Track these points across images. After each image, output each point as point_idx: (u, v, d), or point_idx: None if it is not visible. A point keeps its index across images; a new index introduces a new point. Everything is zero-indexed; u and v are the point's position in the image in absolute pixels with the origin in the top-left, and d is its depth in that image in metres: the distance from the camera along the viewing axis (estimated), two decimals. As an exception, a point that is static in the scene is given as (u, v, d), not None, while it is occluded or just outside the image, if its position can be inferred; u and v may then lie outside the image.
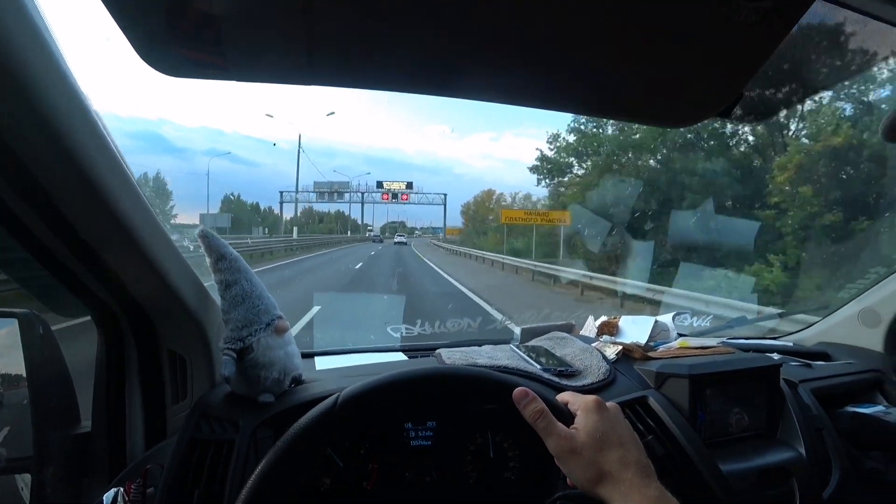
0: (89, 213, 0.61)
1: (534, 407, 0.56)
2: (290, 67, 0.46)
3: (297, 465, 0.51)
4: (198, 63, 0.44)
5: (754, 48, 0.50)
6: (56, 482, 0.78)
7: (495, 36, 0.43)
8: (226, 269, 0.78)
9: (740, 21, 0.45)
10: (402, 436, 0.81)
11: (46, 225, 0.61)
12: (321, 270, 12.73)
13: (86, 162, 0.56)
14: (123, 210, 0.63)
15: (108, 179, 0.60)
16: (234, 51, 0.43)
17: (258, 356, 0.76)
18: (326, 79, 0.47)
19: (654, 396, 0.89)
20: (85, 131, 0.56)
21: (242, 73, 0.46)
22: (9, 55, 0.45)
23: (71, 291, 0.75)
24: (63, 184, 0.57)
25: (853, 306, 1.41)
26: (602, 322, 1.17)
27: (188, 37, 0.42)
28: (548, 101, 0.57)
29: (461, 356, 0.97)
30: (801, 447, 0.92)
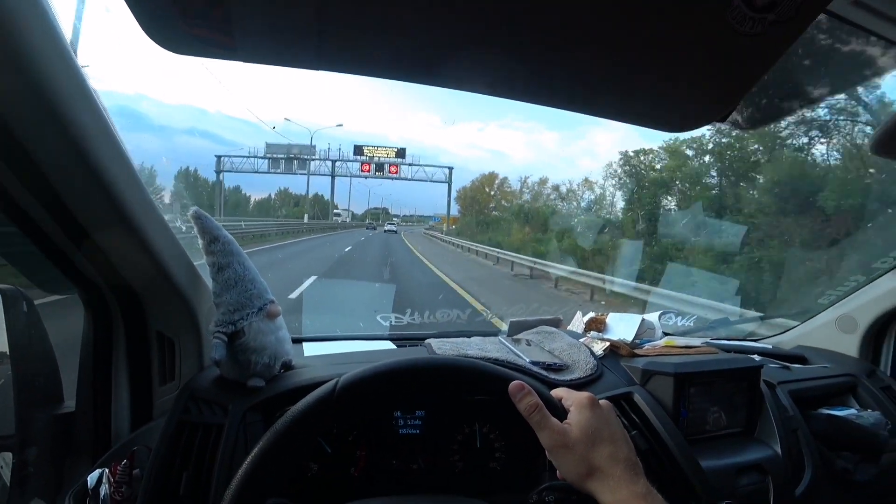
0: (81, 186, 0.60)
1: (529, 401, 0.57)
2: (299, 51, 0.45)
3: (292, 450, 0.51)
4: (205, 41, 0.44)
5: (757, 58, 0.51)
6: (38, 462, 0.77)
7: (504, 29, 0.44)
8: (219, 252, 0.77)
9: (745, 32, 0.46)
10: (391, 424, 0.82)
11: (35, 198, 0.60)
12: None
13: (79, 133, 0.55)
14: (116, 185, 0.62)
15: (102, 152, 0.58)
16: (242, 30, 0.42)
17: (249, 340, 0.76)
18: (334, 64, 0.46)
19: (640, 393, 0.91)
20: (80, 102, 0.55)
21: (250, 53, 0.45)
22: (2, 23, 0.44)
23: (58, 268, 0.73)
24: (55, 156, 0.56)
25: (831, 312, 1.46)
26: (590, 318, 1.19)
27: (196, 13, 0.41)
28: (551, 98, 0.58)
29: (451, 347, 0.98)
30: (778, 446, 0.95)
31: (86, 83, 0.55)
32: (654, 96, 0.57)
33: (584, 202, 19.67)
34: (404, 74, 0.49)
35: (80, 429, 0.81)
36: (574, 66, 0.51)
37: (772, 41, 0.48)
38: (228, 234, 0.78)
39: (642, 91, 0.57)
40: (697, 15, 0.45)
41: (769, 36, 0.47)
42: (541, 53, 0.48)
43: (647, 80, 0.54)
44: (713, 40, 0.48)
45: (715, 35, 0.47)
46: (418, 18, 0.42)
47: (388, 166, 31.98)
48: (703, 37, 0.47)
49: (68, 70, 0.52)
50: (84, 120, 0.55)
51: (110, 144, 0.60)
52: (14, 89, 0.49)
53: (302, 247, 14.79)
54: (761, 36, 0.47)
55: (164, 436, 0.70)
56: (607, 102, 0.61)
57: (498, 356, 0.93)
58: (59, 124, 0.53)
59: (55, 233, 0.66)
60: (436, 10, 0.41)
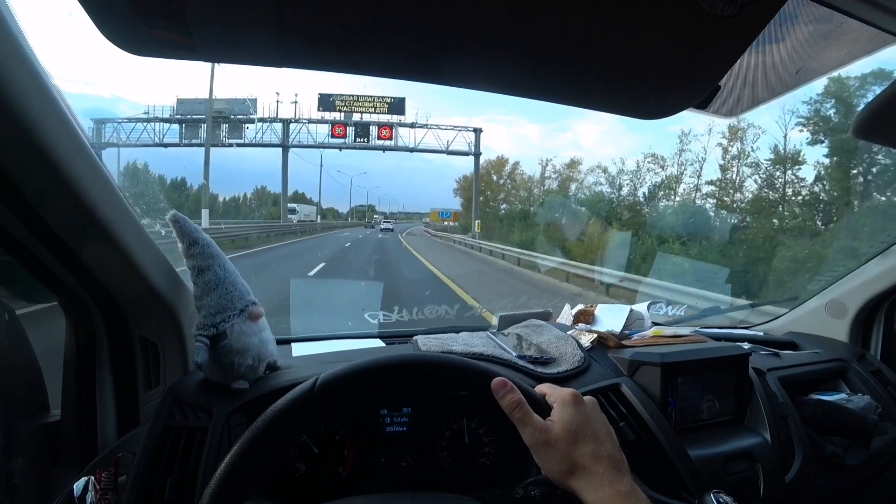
0: (53, 195, 0.59)
1: (511, 398, 0.56)
2: (260, 48, 0.45)
3: (272, 450, 0.51)
4: (163, 42, 0.43)
5: (731, 40, 0.51)
6: (24, 472, 0.76)
7: (474, 23, 0.43)
8: (198, 255, 0.76)
9: (717, 13, 0.46)
10: (378, 422, 0.82)
11: (8, 208, 0.59)
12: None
13: (49, 142, 0.54)
14: (89, 192, 0.61)
15: (73, 160, 0.57)
16: (200, 30, 0.42)
17: (232, 342, 0.75)
18: (296, 61, 0.46)
19: (627, 384, 0.91)
20: (48, 111, 0.54)
21: (210, 53, 0.45)
22: None
23: (36, 277, 0.73)
24: (25, 165, 0.55)
25: (821, 298, 1.46)
26: (578, 310, 1.19)
27: (152, 14, 0.41)
28: (526, 89, 0.57)
29: (437, 343, 0.97)
30: (767, 433, 0.95)
31: (51, 88, 0.54)
32: (629, 84, 0.57)
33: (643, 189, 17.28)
34: (369, 69, 0.48)
35: (66, 437, 0.81)
36: (548, 57, 0.51)
37: (745, 22, 0.48)
38: (208, 236, 0.78)
39: (617, 79, 0.56)
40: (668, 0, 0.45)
41: (742, 17, 0.47)
42: (513, 45, 0.48)
43: (620, 68, 0.54)
44: (685, 24, 0.47)
45: (687, 18, 0.46)
46: (381, 10, 0.41)
47: (378, 129, 20.06)
48: (675, 21, 0.47)
49: (32, 78, 0.51)
50: (53, 127, 0.54)
51: (81, 152, 0.59)
52: None
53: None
54: (734, 17, 0.46)
55: (148, 441, 0.70)
56: (583, 92, 0.61)
57: (483, 351, 0.93)
58: (27, 136, 0.52)
59: (31, 243, 0.65)
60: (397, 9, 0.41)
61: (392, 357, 0.58)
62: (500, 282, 9.39)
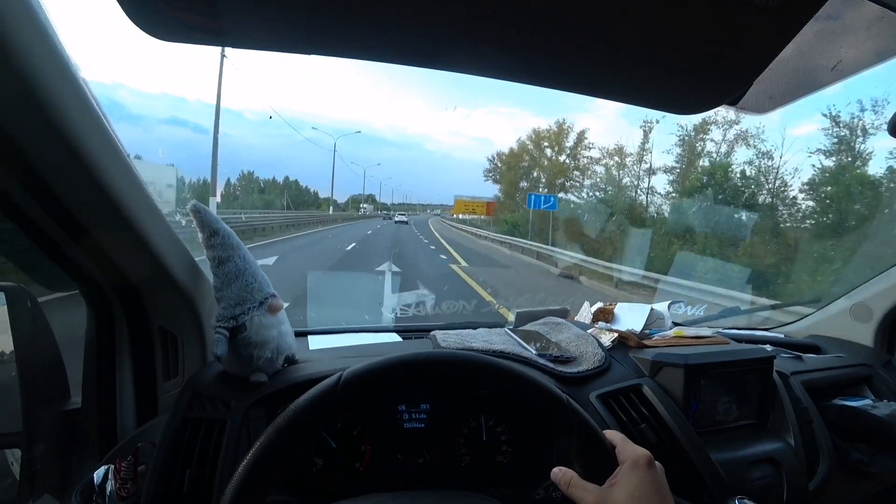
0: (76, 183, 0.59)
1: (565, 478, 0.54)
2: (288, 35, 0.44)
3: (295, 446, 0.50)
4: (192, 26, 0.42)
5: (773, 33, 0.49)
6: (46, 458, 0.77)
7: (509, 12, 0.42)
8: (218, 245, 0.76)
9: (762, 4, 0.44)
10: (396, 418, 0.81)
11: (31, 196, 0.59)
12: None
13: (71, 129, 0.53)
14: (112, 180, 0.60)
15: (96, 148, 0.57)
16: (230, 14, 0.41)
17: (251, 335, 0.75)
18: (324, 48, 0.45)
19: (649, 385, 0.89)
20: (71, 97, 0.53)
21: (238, 38, 0.44)
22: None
23: (58, 265, 0.73)
24: (48, 152, 0.54)
25: (845, 301, 1.43)
26: (598, 308, 1.17)
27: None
28: (559, 82, 0.55)
29: (456, 339, 0.96)
30: (791, 438, 0.93)
31: (77, 78, 0.54)
32: (667, 78, 0.55)
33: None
34: (400, 57, 0.47)
35: (86, 425, 0.82)
36: (586, 50, 0.49)
37: (789, 14, 0.46)
38: (228, 227, 0.77)
39: (655, 72, 0.54)
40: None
41: (787, 8, 0.45)
42: (553, 37, 0.46)
43: (659, 61, 0.52)
44: (728, 15, 0.45)
45: (730, 8, 0.44)
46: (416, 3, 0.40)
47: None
48: (716, 12, 0.45)
49: (60, 67, 0.51)
50: (77, 115, 0.54)
51: (104, 140, 0.59)
52: (6, 90, 0.48)
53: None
54: (777, 9, 0.44)
55: (168, 432, 0.70)
56: (618, 85, 0.59)
57: (503, 348, 0.92)
58: (51, 120, 0.51)
59: (53, 230, 0.65)
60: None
61: (415, 355, 0.56)
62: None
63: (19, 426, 0.74)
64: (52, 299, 0.90)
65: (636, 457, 0.53)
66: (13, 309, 0.75)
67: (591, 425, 0.56)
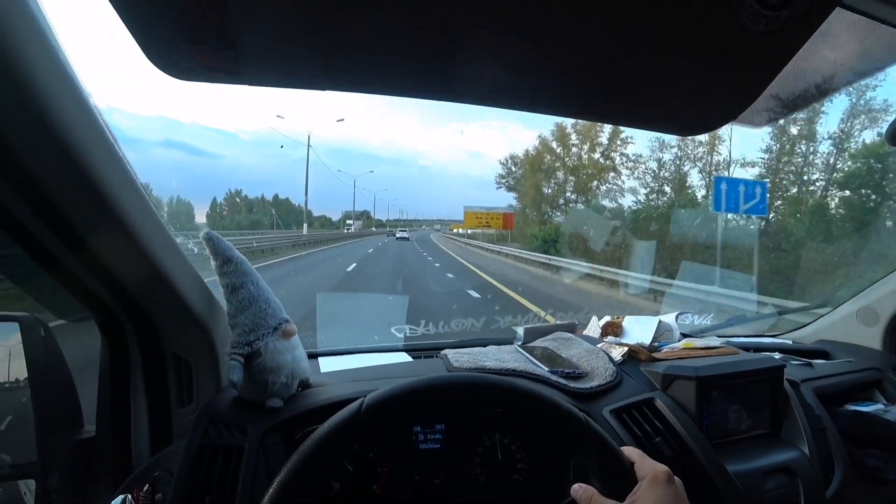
0: (90, 211, 0.60)
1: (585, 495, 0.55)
2: (305, 72, 0.45)
3: (319, 472, 0.51)
4: (212, 67, 0.43)
5: (772, 56, 0.50)
6: (61, 488, 0.77)
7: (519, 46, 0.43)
8: (232, 273, 0.77)
9: (759, 30, 0.45)
10: (411, 439, 0.81)
11: (46, 224, 0.59)
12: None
13: (84, 156, 0.54)
14: (125, 209, 0.61)
15: (109, 175, 0.58)
16: (248, 55, 0.42)
17: (266, 361, 0.75)
18: (340, 84, 0.46)
19: (661, 398, 0.89)
20: (85, 125, 0.54)
21: (256, 77, 0.45)
22: (7, 46, 0.44)
23: (72, 294, 0.74)
24: (62, 181, 0.55)
25: (852, 304, 1.43)
26: (606, 322, 1.18)
27: (202, 40, 0.41)
28: (565, 109, 0.57)
29: (468, 359, 0.97)
30: (805, 447, 0.93)
31: (89, 103, 0.54)
32: (670, 101, 0.56)
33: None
34: (415, 91, 0.48)
35: (100, 453, 0.81)
36: (589, 76, 0.50)
37: (787, 38, 0.47)
38: (240, 254, 0.78)
39: (657, 97, 0.56)
40: (710, 17, 0.44)
41: (784, 33, 0.46)
42: (556, 65, 0.47)
43: (661, 86, 0.53)
44: (727, 41, 0.47)
45: (729, 36, 0.46)
46: (426, 33, 0.41)
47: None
48: (717, 39, 0.47)
49: (70, 90, 0.52)
50: (86, 139, 0.55)
51: (115, 166, 0.60)
52: (19, 115, 0.48)
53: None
54: (776, 33, 0.46)
55: (186, 460, 0.70)
56: (622, 110, 0.61)
57: (516, 366, 0.92)
58: (61, 148, 0.52)
59: (69, 260, 0.66)
60: (441, 25, 0.41)
61: (439, 378, 0.57)
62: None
63: (33, 456, 0.75)
64: (62, 324, 0.91)
65: (655, 472, 0.54)
66: (27, 338, 0.76)
67: (610, 443, 0.56)
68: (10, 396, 0.76)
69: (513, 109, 0.54)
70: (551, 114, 0.57)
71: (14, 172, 0.53)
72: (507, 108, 0.54)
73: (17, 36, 0.45)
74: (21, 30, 0.45)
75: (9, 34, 0.44)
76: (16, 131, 0.49)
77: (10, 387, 0.76)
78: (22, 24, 0.45)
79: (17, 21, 0.45)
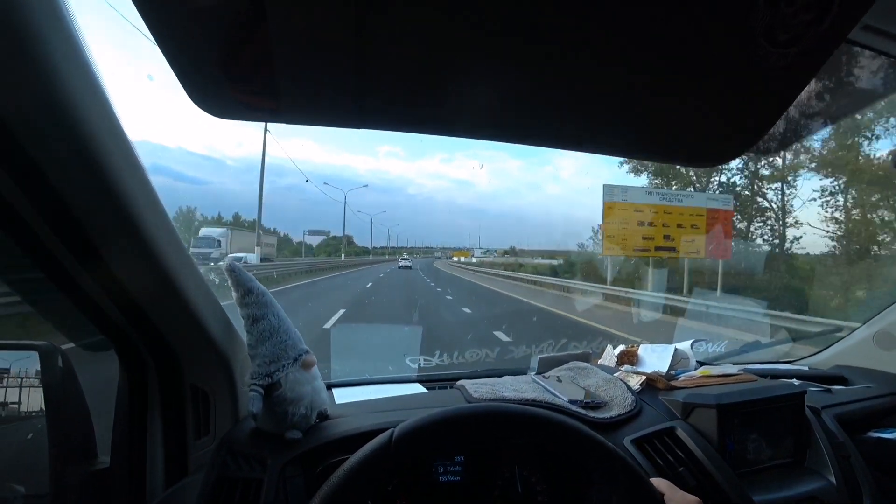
0: (115, 236, 0.60)
1: None
2: (340, 111, 0.46)
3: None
4: (250, 106, 0.45)
5: (780, 92, 0.51)
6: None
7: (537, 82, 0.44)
8: (253, 304, 0.77)
9: (770, 66, 0.47)
10: (431, 471, 0.80)
11: (68, 248, 0.60)
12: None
13: (113, 181, 0.55)
14: (151, 238, 0.62)
15: (135, 198, 0.58)
16: (287, 94, 0.44)
17: (286, 392, 0.75)
18: (375, 122, 0.48)
19: (682, 427, 0.88)
20: (126, 167, 0.56)
21: (292, 115, 0.47)
22: (47, 70, 0.45)
23: (93, 323, 0.74)
24: (90, 206, 0.56)
25: (867, 329, 1.42)
26: (621, 351, 1.17)
27: (242, 79, 0.43)
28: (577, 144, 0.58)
29: (487, 390, 0.96)
30: (831, 475, 0.91)
31: (122, 131, 0.55)
32: (682, 135, 0.58)
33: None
34: (444, 129, 0.50)
35: (115, 485, 0.80)
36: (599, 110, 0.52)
37: (796, 72, 0.49)
38: (261, 285, 0.79)
39: (669, 130, 0.57)
40: (721, 53, 0.46)
41: (794, 67, 0.47)
42: (567, 100, 0.49)
43: (673, 121, 0.55)
44: (738, 76, 0.48)
45: (740, 71, 0.47)
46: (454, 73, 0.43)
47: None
48: (728, 73, 0.48)
49: (106, 121, 0.53)
50: (115, 164, 0.55)
51: (143, 190, 0.60)
52: (52, 139, 0.49)
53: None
54: (786, 68, 0.47)
55: (204, 493, 0.69)
56: (633, 143, 0.62)
57: (535, 396, 0.91)
58: (90, 172, 0.53)
59: (88, 284, 0.66)
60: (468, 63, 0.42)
61: (472, 408, 0.57)
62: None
63: (46, 488, 0.74)
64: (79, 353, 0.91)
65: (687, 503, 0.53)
66: (45, 367, 0.76)
67: (639, 473, 0.56)
68: (26, 425, 0.76)
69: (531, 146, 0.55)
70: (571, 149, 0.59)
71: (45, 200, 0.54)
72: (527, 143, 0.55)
73: (59, 62, 0.47)
74: (64, 57, 0.47)
75: (53, 65, 0.46)
76: (47, 153, 0.50)
77: (27, 416, 0.76)
78: (62, 50, 0.47)
79: (59, 50, 0.47)
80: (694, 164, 0.67)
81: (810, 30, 0.42)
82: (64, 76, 0.47)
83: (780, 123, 0.80)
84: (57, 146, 0.50)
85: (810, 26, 0.42)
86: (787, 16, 0.42)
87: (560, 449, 0.58)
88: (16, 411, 0.75)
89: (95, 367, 0.93)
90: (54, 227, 0.57)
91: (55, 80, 0.46)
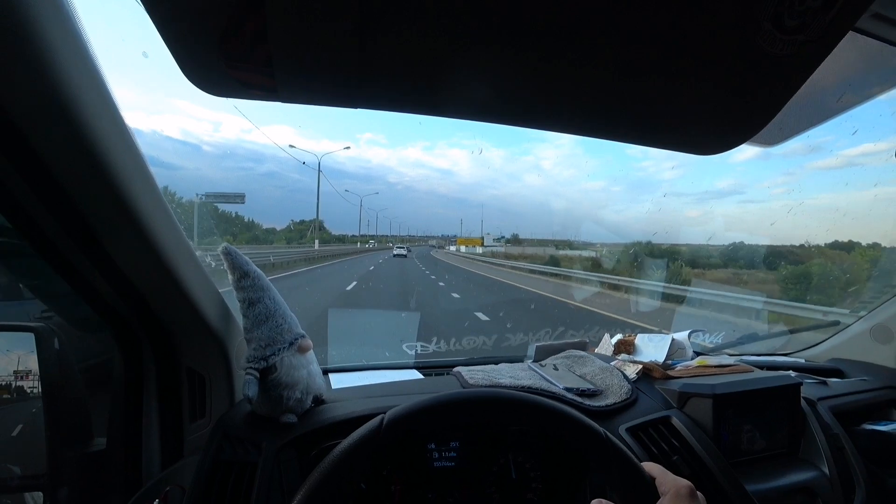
0: (112, 219, 0.60)
1: None
2: (341, 91, 0.45)
3: (338, 491, 0.50)
4: (246, 83, 0.44)
5: (788, 77, 0.51)
6: (69, 501, 0.76)
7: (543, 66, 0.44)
8: (249, 287, 0.77)
9: (775, 53, 0.46)
10: (426, 457, 0.80)
11: (66, 231, 0.60)
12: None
13: (110, 165, 0.54)
14: (148, 221, 0.61)
15: (133, 183, 0.58)
16: (285, 73, 0.43)
17: (281, 376, 0.75)
18: (375, 103, 0.47)
19: (678, 416, 0.88)
20: (119, 145, 0.55)
21: (290, 94, 0.46)
22: (46, 60, 0.44)
23: (90, 306, 0.74)
24: (88, 190, 0.55)
25: (864, 322, 1.42)
26: (618, 340, 1.17)
27: (239, 57, 0.42)
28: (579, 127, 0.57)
29: (483, 376, 0.96)
30: (825, 466, 0.92)
31: (121, 119, 0.55)
32: (687, 122, 0.57)
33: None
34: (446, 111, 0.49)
35: (111, 467, 0.81)
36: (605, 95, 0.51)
37: (802, 60, 0.48)
38: (258, 269, 0.78)
39: (673, 116, 0.56)
40: (727, 39, 0.45)
41: (800, 55, 0.47)
42: (572, 83, 0.48)
43: (678, 108, 0.54)
44: (744, 63, 0.47)
45: (746, 58, 0.46)
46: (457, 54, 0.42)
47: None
48: (734, 60, 0.47)
49: (105, 109, 0.52)
50: (122, 160, 0.55)
51: (141, 175, 0.60)
52: (51, 127, 0.49)
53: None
54: (792, 56, 0.46)
55: (199, 476, 0.69)
56: (638, 128, 0.61)
57: (531, 384, 0.91)
58: (88, 158, 0.52)
59: (86, 267, 0.65)
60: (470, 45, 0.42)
61: (459, 394, 0.56)
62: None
63: (42, 469, 0.74)
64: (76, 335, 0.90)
65: (678, 487, 0.53)
66: (41, 349, 0.75)
67: (631, 458, 0.56)
68: (21, 407, 0.76)
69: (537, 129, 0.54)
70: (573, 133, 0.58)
71: (43, 186, 0.53)
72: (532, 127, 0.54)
73: (58, 53, 0.46)
74: (62, 48, 0.46)
75: (54, 59, 0.45)
76: (46, 139, 0.50)
77: (23, 397, 0.76)
78: (64, 45, 0.46)
79: (61, 47, 0.46)
80: (697, 151, 0.66)
81: (817, 17, 0.42)
82: (61, 60, 0.46)
83: (784, 111, 0.80)
84: (55, 130, 0.49)
85: (818, 14, 0.42)
86: (795, 2, 0.41)
87: (554, 435, 0.57)
88: (11, 392, 0.75)
89: (92, 348, 0.92)
90: (52, 210, 0.57)
91: (52, 63, 0.46)
